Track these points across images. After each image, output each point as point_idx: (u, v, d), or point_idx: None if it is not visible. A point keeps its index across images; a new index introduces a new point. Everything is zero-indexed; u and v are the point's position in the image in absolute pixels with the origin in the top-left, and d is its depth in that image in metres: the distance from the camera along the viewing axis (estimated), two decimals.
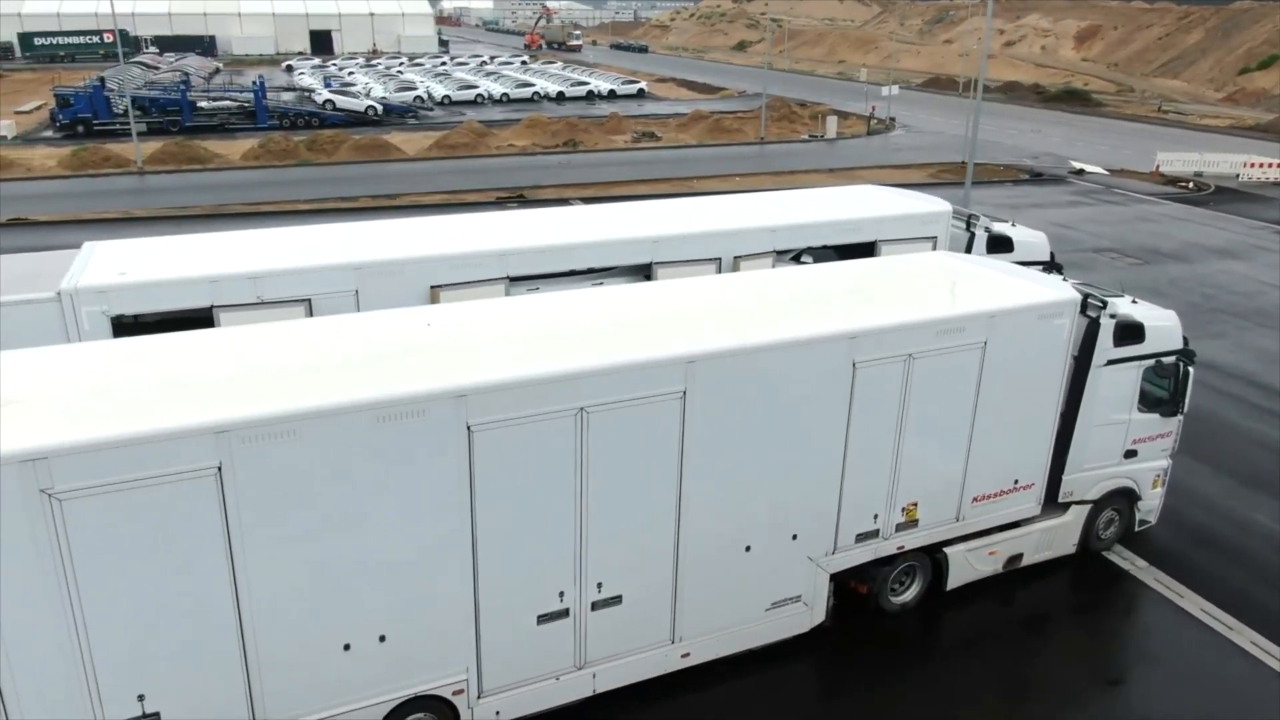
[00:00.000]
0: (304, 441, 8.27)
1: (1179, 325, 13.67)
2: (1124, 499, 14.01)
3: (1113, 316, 12.79)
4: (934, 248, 16.44)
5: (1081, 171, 45.62)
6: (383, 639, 9.21)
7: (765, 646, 11.60)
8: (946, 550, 12.60)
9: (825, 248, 16.02)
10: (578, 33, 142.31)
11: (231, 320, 12.49)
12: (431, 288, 13.48)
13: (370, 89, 72.42)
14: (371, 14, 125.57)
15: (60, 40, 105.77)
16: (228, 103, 59.64)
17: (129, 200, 39.05)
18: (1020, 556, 13.28)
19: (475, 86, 74.27)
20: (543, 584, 9.87)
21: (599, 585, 10.14)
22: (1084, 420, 13.00)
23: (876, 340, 10.78)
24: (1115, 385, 13.05)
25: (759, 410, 10.38)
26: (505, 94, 74.11)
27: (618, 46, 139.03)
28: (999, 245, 17.31)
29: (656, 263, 14.66)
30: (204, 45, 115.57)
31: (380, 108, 61.64)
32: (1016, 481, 12.67)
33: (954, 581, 12.85)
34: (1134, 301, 13.76)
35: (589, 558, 9.96)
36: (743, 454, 10.46)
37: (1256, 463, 17.05)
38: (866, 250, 16.12)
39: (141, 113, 57.18)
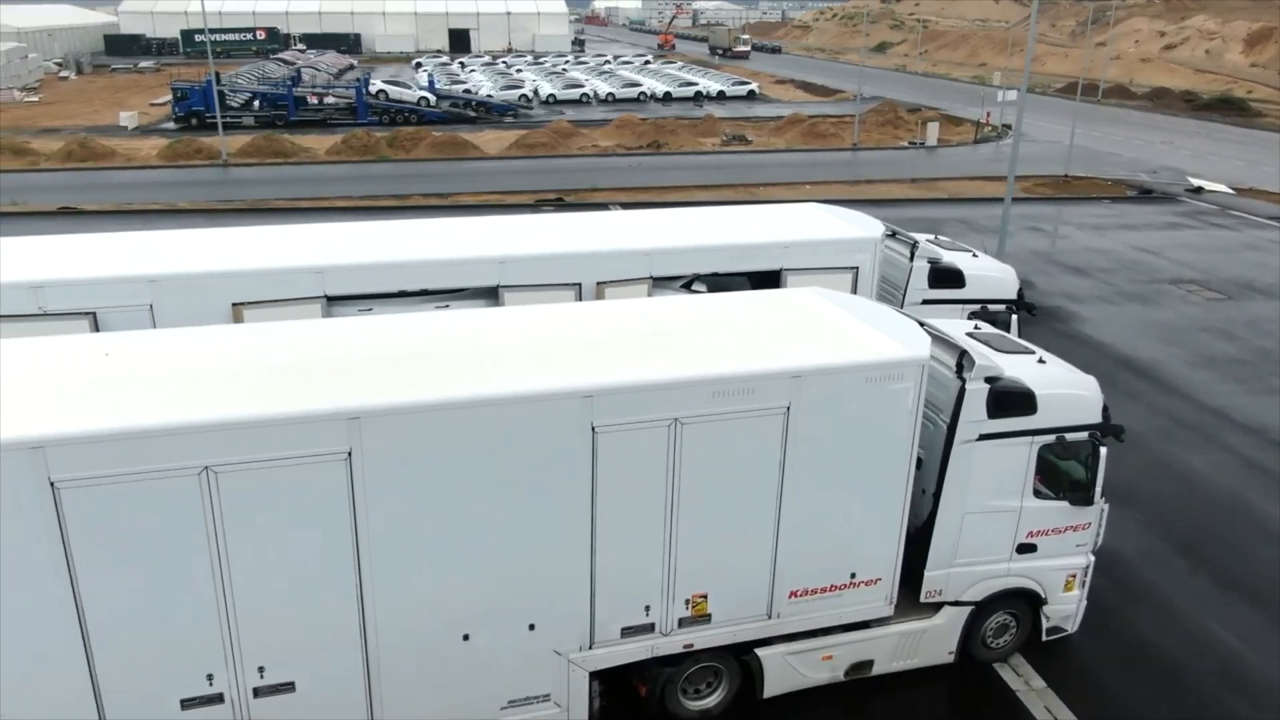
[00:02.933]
0: None
1: (1097, 395, 10.97)
2: (1023, 602, 11.42)
3: (990, 380, 10.29)
4: (855, 279, 14.09)
5: (1200, 189, 40.60)
6: None
7: None
8: (759, 652, 10.44)
9: (720, 275, 13.97)
10: (745, 36, 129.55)
11: (12, 332, 11.66)
12: (234, 305, 12.33)
13: (481, 86, 73.17)
14: (508, 13, 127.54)
15: (217, 37, 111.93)
16: (331, 99, 61.15)
17: (207, 192, 39.93)
18: (869, 664, 10.94)
19: (581, 85, 73.74)
20: (184, 665, 8.47)
21: (260, 669, 8.67)
22: (949, 506, 10.55)
23: (619, 400, 8.84)
24: (994, 465, 10.53)
25: (465, 478, 8.65)
26: (611, 93, 73.26)
27: (751, 47, 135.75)
28: (945, 279, 14.77)
29: (504, 286, 13.02)
30: (349, 43, 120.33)
31: (433, 98, 61.71)
32: (854, 575, 10.37)
33: (774, 688, 10.65)
34: (1041, 361, 11.16)
35: (241, 638, 8.50)
36: (445, 529, 8.76)
37: (1255, 561, 13.85)
38: (771, 279, 13.97)
39: (256, 107, 59.65)
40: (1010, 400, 10.33)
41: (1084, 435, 10.78)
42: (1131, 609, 12.67)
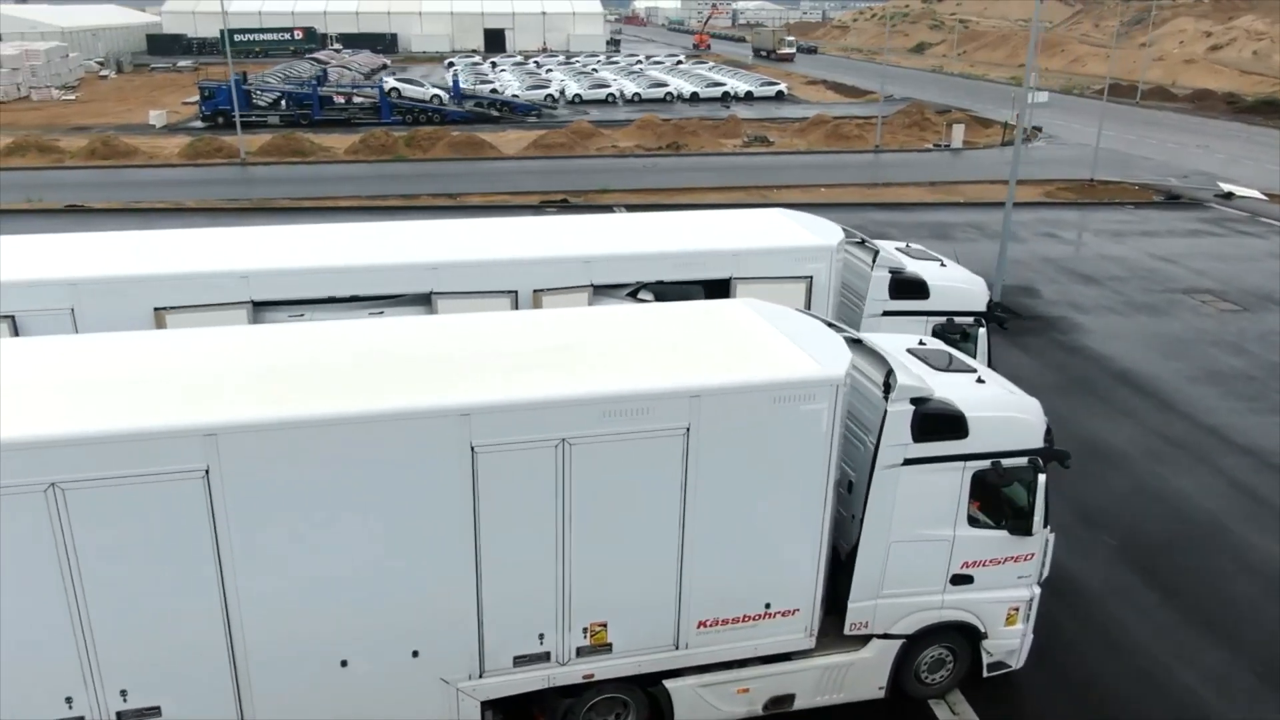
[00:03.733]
0: None
1: (1038, 418, 10.28)
2: (960, 636, 10.76)
3: (916, 402, 9.65)
4: (809, 289, 13.50)
5: (1230, 195, 39.13)
6: None
7: None
8: (668, 684, 9.90)
9: (668, 283, 13.46)
10: (790, 38, 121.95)
11: None
12: (155, 310, 12.06)
13: (508, 86, 73.30)
14: (543, 13, 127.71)
15: (256, 37, 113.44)
16: (359, 99, 61.43)
17: (224, 190, 39.96)
18: (790, 698, 10.35)
19: (607, 85, 73.34)
20: (41, 686, 8.16)
21: (123, 693, 8.34)
22: (873, 534, 9.93)
23: (500, 419, 8.37)
24: (923, 491, 9.89)
25: (334, 498, 8.23)
26: (637, 94, 72.78)
27: (797, 49, 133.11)
28: (907, 290, 14.08)
29: (437, 293, 12.62)
30: (385, 43, 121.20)
31: (445, 96, 62.04)
32: (769, 606, 9.80)
33: None
34: (980, 381, 10.47)
35: (100, 660, 8.16)
36: (315, 550, 8.34)
37: (1229, 595, 13.01)
38: (721, 288, 13.44)
39: (283, 106, 60.10)
40: (937, 423, 9.68)
41: (1023, 461, 10.10)
42: (1087, 644, 11.93)
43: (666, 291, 13.69)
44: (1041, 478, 10.04)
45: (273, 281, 12.30)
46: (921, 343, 11.48)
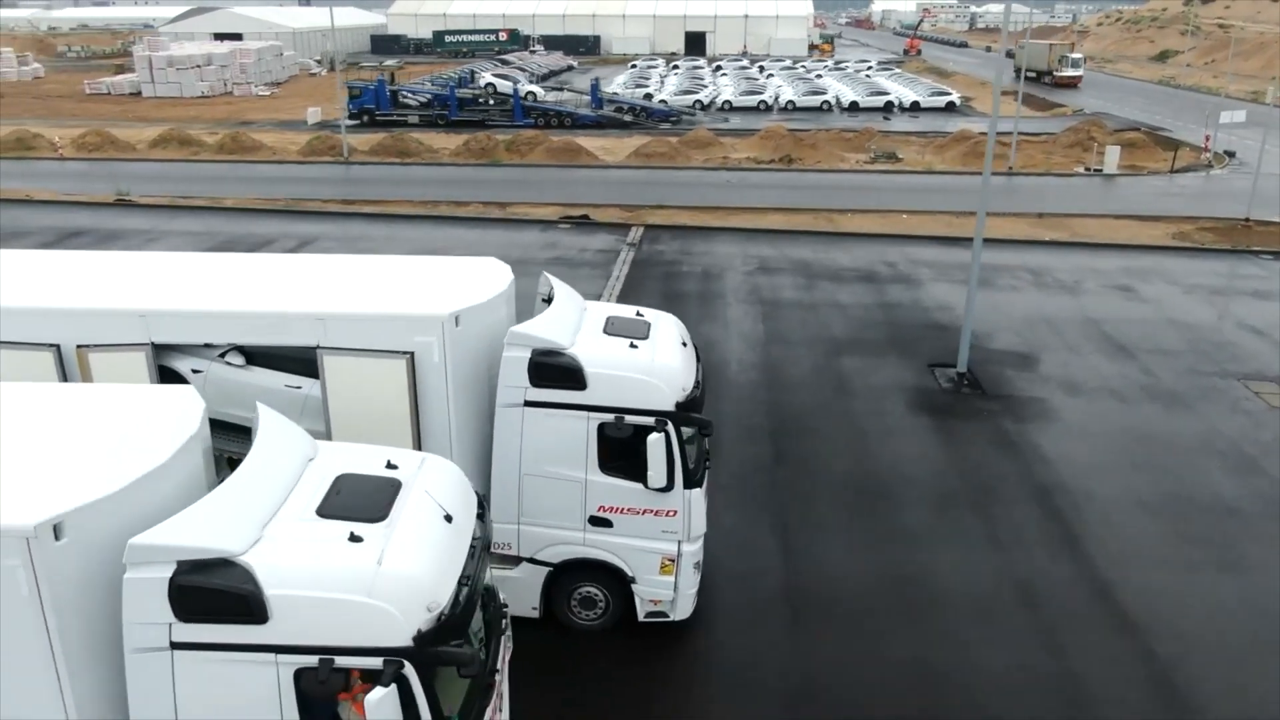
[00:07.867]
0: None
1: (408, 609, 7.14)
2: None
3: (182, 570, 6.88)
4: (411, 367, 10.70)
5: None
6: None
7: None
8: None
9: (266, 347, 11.21)
10: (1078, 56, 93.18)
11: None
12: None
13: (665, 89, 72.15)
14: (746, 16, 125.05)
15: (464, 38, 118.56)
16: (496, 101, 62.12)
17: (324, 189, 40.61)
18: None
19: (759, 93, 69.92)
20: None
21: None
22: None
23: None
24: (219, 689, 7.12)
25: None
26: (791, 101, 68.86)
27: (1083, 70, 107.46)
28: (554, 376, 10.79)
29: None
30: (588, 44, 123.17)
31: (540, 92, 64.32)
32: None
33: None
34: (354, 540, 7.43)
35: None
36: None
37: None
38: (308, 358, 11.00)
39: (425, 106, 61.78)
40: (204, 599, 6.89)
41: (377, 661, 7.08)
42: None
43: (267, 355, 11.48)
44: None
45: None
46: (389, 464, 8.52)
